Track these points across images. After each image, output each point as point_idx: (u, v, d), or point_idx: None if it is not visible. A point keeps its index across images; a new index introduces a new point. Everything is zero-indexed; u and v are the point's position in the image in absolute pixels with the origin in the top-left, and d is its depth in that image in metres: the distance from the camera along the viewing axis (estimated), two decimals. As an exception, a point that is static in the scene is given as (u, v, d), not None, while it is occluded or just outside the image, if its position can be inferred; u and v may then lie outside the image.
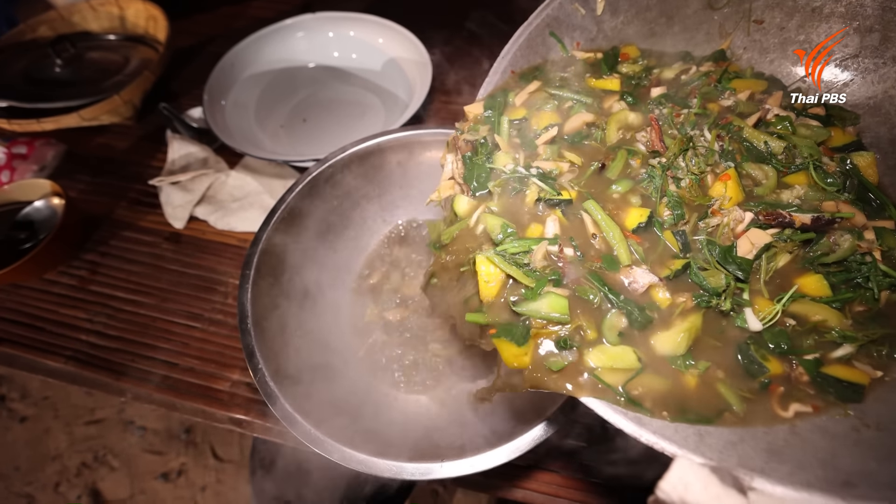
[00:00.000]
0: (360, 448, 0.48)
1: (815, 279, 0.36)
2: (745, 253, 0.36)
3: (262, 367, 0.52)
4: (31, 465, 1.38)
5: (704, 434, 0.33)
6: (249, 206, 0.84)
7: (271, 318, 0.58)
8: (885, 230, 0.39)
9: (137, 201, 0.91)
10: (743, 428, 0.34)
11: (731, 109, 0.46)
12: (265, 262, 0.61)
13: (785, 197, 0.40)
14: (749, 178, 0.41)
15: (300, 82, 1.05)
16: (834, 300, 0.36)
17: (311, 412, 0.51)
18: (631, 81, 0.49)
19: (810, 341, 0.35)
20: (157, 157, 0.96)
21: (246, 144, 0.85)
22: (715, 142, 0.42)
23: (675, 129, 0.43)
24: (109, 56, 0.96)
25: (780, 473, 0.30)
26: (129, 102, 0.90)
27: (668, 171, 0.41)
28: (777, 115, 0.44)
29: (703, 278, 0.36)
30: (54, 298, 0.81)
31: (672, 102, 0.45)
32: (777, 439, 0.34)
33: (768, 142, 0.42)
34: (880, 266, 0.37)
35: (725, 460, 0.31)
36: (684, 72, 0.49)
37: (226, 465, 1.34)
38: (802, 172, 0.41)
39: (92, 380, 0.73)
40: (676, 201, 0.39)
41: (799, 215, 0.37)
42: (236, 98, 0.96)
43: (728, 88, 0.47)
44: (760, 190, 0.40)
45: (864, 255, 0.37)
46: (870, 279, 0.37)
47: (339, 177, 0.70)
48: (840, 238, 0.37)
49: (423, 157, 0.72)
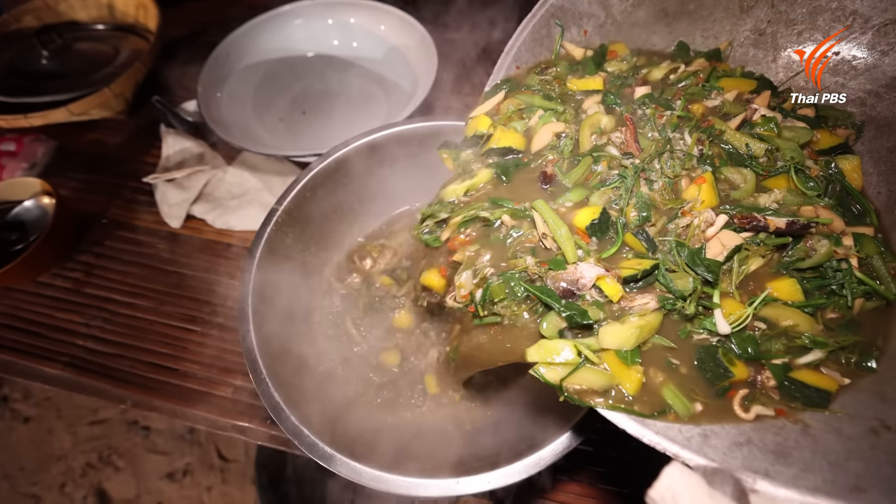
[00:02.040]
0: (371, 463, 0.45)
1: (789, 283, 0.36)
2: (716, 255, 0.35)
3: (266, 378, 0.49)
4: (36, 465, 1.37)
5: (710, 435, 0.32)
6: (248, 203, 0.81)
7: (274, 325, 0.55)
8: (864, 236, 0.39)
9: (132, 200, 0.88)
10: (751, 428, 0.33)
11: (717, 110, 0.44)
12: (267, 265, 0.58)
13: (763, 201, 0.39)
14: (727, 182, 0.40)
15: (299, 72, 1.00)
16: (806, 305, 0.36)
17: (319, 425, 0.49)
18: (616, 81, 0.48)
19: (780, 346, 0.35)
20: (152, 153, 0.93)
21: (243, 139, 0.81)
22: (695, 146, 0.41)
23: (657, 130, 0.42)
24: (98, 47, 0.92)
25: (785, 476, 0.29)
26: (120, 96, 0.86)
27: (641, 173, 0.39)
28: (763, 115, 0.43)
29: (670, 280, 0.35)
30: (49, 302, 0.78)
31: (656, 103, 0.44)
32: (787, 440, 0.32)
33: (749, 144, 0.41)
34: (856, 273, 0.36)
35: (729, 462, 0.30)
36: (673, 71, 0.48)
37: (231, 464, 1.32)
38: (783, 176, 0.40)
39: (91, 387, 0.70)
40: (645, 203, 0.38)
41: (774, 219, 0.36)
42: (232, 90, 0.91)
43: (716, 88, 0.46)
44: (738, 193, 0.39)
45: (841, 261, 0.36)
46: (844, 286, 0.36)
47: (342, 172, 0.67)
48: (817, 243, 0.36)
49: (432, 150, 0.68)
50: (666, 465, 0.29)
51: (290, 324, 0.58)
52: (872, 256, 0.38)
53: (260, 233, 0.59)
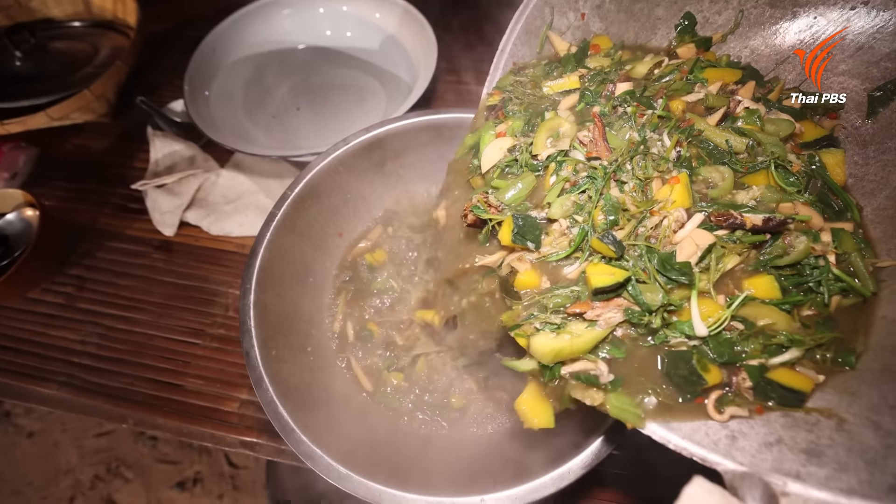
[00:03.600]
0: (390, 482, 0.42)
1: (767, 281, 0.35)
2: (689, 255, 0.35)
3: (274, 397, 0.45)
4: (44, 480, 1.35)
5: (738, 436, 0.32)
6: (245, 207, 0.77)
7: (279, 338, 0.52)
8: (842, 232, 0.38)
9: (122, 208, 0.84)
10: (782, 427, 0.32)
11: (701, 103, 0.43)
12: (268, 273, 0.54)
13: (740, 198, 0.38)
14: (705, 181, 0.39)
15: (290, 67, 0.95)
16: (784, 303, 0.35)
17: (330, 442, 0.46)
18: (597, 77, 0.46)
19: (756, 345, 0.34)
20: (140, 158, 0.88)
21: (235, 139, 0.77)
22: (672, 149, 0.39)
23: (636, 130, 0.41)
24: (76, 45, 0.86)
25: (817, 478, 0.28)
26: (101, 97, 0.81)
27: (613, 175, 0.38)
28: (747, 108, 0.42)
29: (639, 292, 0.34)
30: (41, 319, 0.74)
31: (637, 101, 0.43)
32: (820, 438, 0.31)
33: (730, 140, 0.40)
34: (833, 270, 0.36)
35: (758, 464, 0.29)
36: (657, 65, 0.46)
37: (241, 471, 1.31)
38: (762, 172, 0.39)
39: (89, 406, 0.67)
40: (613, 206, 0.37)
41: (750, 216, 0.35)
42: (221, 87, 0.86)
43: (699, 80, 0.44)
44: (715, 192, 0.38)
45: (818, 258, 0.36)
46: (822, 283, 0.36)
47: (343, 172, 0.63)
48: (795, 240, 0.35)
49: (437, 144, 0.64)
50: (689, 481, 0.28)
51: (295, 337, 0.55)
52: (851, 253, 0.37)
53: (259, 240, 0.55)
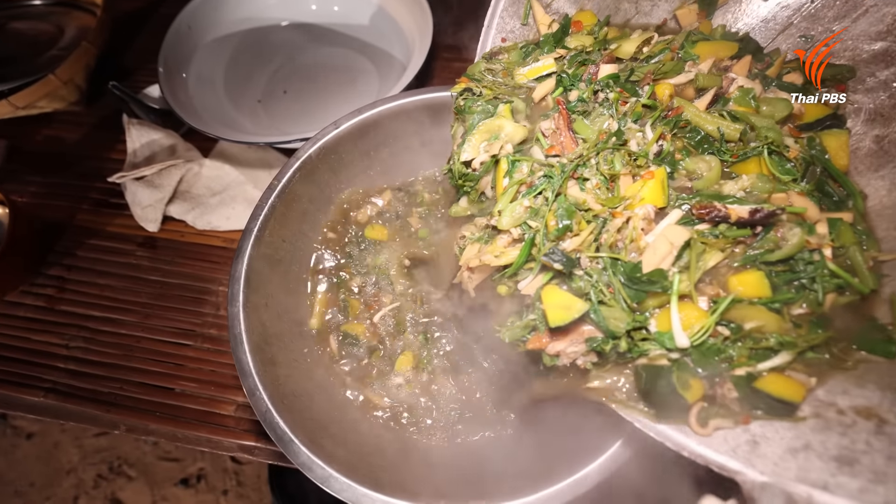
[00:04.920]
0: (392, 492, 0.39)
1: (756, 277, 0.32)
2: (664, 255, 0.31)
3: (269, 406, 0.42)
4: (47, 480, 1.34)
5: (760, 441, 0.29)
6: (231, 199, 0.72)
7: (271, 342, 0.48)
8: (840, 223, 0.34)
9: (101, 203, 0.79)
10: (811, 430, 0.29)
11: (692, 84, 0.39)
12: (257, 273, 0.50)
13: (728, 189, 0.34)
14: (689, 173, 0.36)
15: (274, 46, 0.89)
16: (773, 301, 0.32)
17: (330, 450, 0.43)
18: (577, 58, 0.41)
19: (744, 351, 0.31)
20: (117, 149, 0.82)
21: (218, 126, 0.71)
22: (654, 143, 0.36)
23: (616, 119, 0.37)
24: (38, 26, 0.80)
25: (849, 489, 0.25)
26: (70, 83, 0.75)
27: (572, 173, 0.35)
28: (741, 86, 0.38)
29: (602, 318, 0.31)
30: (21, 323, 0.70)
31: (621, 87, 0.39)
32: (855, 443, 0.28)
33: (721, 127, 0.36)
34: (829, 265, 0.32)
35: (781, 473, 0.27)
36: (646, 42, 0.42)
37: (244, 467, 1.30)
38: (753, 160, 0.35)
39: (78, 413, 0.64)
40: (567, 210, 0.33)
41: (736, 208, 0.32)
42: (199, 70, 0.80)
43: (691, 57, 0.40)
44: (700, 182, 0.34)
45: (813, 252, 0.32)
46: (815, 280, 0.32)
47: (334, 157, 0.58)
48: (788, 232, 0.32)
49: (436, 125, 0.59)
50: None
51: (290, 338, 0.51)
52: (849, 246, 0.33)
53: (246, 234, 0.51)
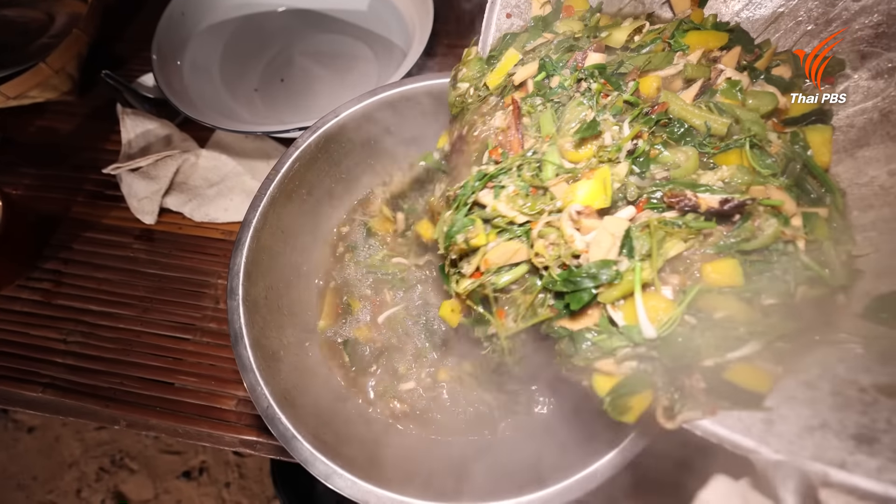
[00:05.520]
0: (399, 490, 0.39)
1: (730, 265, 0.31)
2: (608, 248, 0.31)
3: (272, 401, 0.41)
4: (49, 474, 1.35)
5: (776, 420, 0.29)
6: (229, 190, 0.71)
7: (272, 336, 0.47)
8: (816, 218, 0.34)
9: (97, 195, 0.77)
10: (829, 408, 0.28)
11: (680, 75, 0.38)
12: (256, 265, 0.49)
13: (707, 179, 0.34)
14: (667, 165, 0.35)
15: (270, 33, 0.87)
16: (745, 290, 0.32)
17: (336, 446, 0.42)
18: (564, 44, 0.40)
19: (713, 340, 0.31)
20: (112, 140, 0.81)
21: (214, 115, 0.69)
22: (629, 140, 0.35)
23: (595, 110, 0.36)
24: (27, 13, 0.77)
25: (866, 468, 0.25)
26: (62, 72, 0.73)
27: (489, 182, 0.34)
28: (729, 78, 0.37)
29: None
30: (18, 318, 0.69)
31: (605, 79, 0.38)
32: (876, 421, 0.27)
33: (709, 122, 0.35)
34: (802, 257, 0.32)
35: (796, 452, 0.27)
36: (637, 31, 0.41)
37: (246, 459, 1.30)
38: (735, 151, 0.35)
39: (77, 408, 0.63)
40: (462, 222, 0.33)
41: (706, 197, 0.31)
42: (194, 58, 0.78)
43: (681, 48, 0.39)
44: (677, 172, 0.34)
45: (787, 243, 0.32)
46: (788, 271, 0.32)
47: (334, 147, 0.56)
48: (765, 223, 0.32)
49: (436, 111, 0.58)
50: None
51: (292, 331, 0.50)
52: (823, 241, 0.33)
53: (243, 228, 0.50)
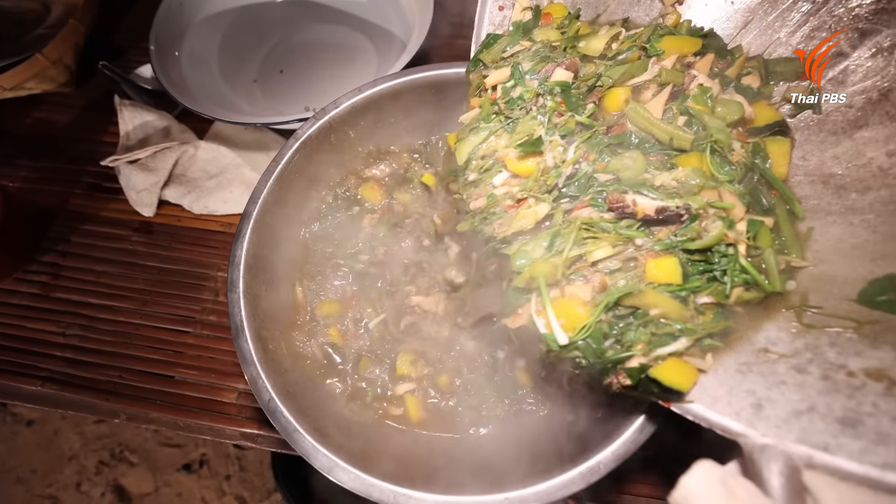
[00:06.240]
0: (402, 482, 0.39)
1: (671, 263, 0.32)
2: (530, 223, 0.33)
3: (273, 395, 0.41)
4: (48, 467, 1.35)
5: (764, 404, 0.30)
6: (228, 182, 0.70)
7: (274, 329, 0.47)
8: (761, 226, 0.34)
9: (95, 187, 0.77)
10: (818, 392, 0.29)
11: (655, 80, 0.39)
12: (257, 258, 0.49)
13: (660, 179, 0.34)
14: (614, 171, 0.35)
15: (269, 23, 0.86)
16: (682, 289, 0.32)
17: (337, 441, 0.42)
18: (541, 52, 0.40)
19: (644, 337, 0.32)
20: (110, 132, 0.80)
21: (213, 107, 0.69)
22: (571, 165, 0.35)
23: (545, 127, 0.37)
24: (23, 3, 0.76)
25: (849, 450, 0.26)
26: (59, 63, 0.72)
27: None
28: (701, 84, 0.38)
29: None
30: (16, 311, 0.69)
31: (563, 98, 0.38)
32: (862, 405, 0.28)
33: (674, 138, 0.35)
34: (741, 260, 0.33)
35: (783, 435, 0.28)
36: (614, 38, 0.41)
37: (247, 452, 1.30)
38: (696, 154, 0.35)
39: (76, 402, 0.63)
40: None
41: (645, 204, 0.32)
42: (192, 48, 0.77)
43: (656, 52, 0.40)
44: (627, 173, 0.34)
45: (729, 246, 0.33)
46: (727, 272, 0.33)
47: (334, 138, 0.56)
48: (711, 224, 0.32)
49: (437, 103, 0.57)
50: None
51: (292, 326, 0.50)
52: (765, 248, 0.34)
53: (243, 220, 0.49)
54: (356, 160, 0.60)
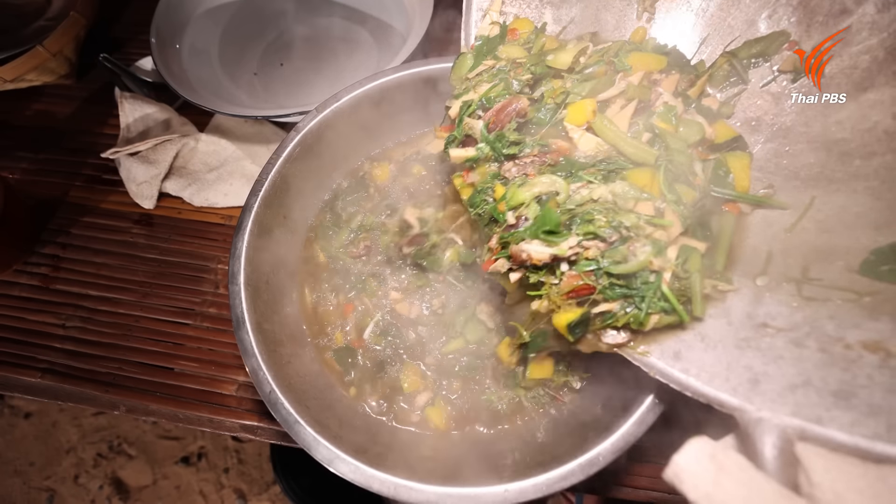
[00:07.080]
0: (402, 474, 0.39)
1: (567, 317, 0.33)
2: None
3: (274, 387, 0.41)
4: (46, 459, 1.35)
5: (761, 379, 0.30)
6: (229, 175, 0.70)
7: (274, 321, 0.47)
8: (693, 251, 0.33)
9: (95, 179, 0.76)
10: (814, 366, 0.30)
11: (622, 95, 0.38)
12: (258, 250, 0.49)
13: (599, 192, 0.33)
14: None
15: (269, 16, 0.85)
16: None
17: (338, 433, 0.42)
18: (504, 71, 0.39)
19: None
20: (110, 124, 0.80)
21: (213, 99, 0.69)
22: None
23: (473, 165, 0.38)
24: (23, -6, 0.76)
25: (840, 422, 0.26)
26: (59, 55, 0.72)
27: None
28: (665, 103, 0.38)
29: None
30: (16, 303, 0.69)
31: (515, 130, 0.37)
32: (856, 377, 0.28)
33: (636, 154, 0.35)
34: (663, 287, 0.32)
35: (778, 409, 0.28)
36: (582, 52, 0.40)
37: (246, 445, 1.31)
38: (649, 171, 0.35)
39: (76, 394, 0.63)
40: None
41: (537, 252, 0.32)
42: (193, 41, 0.77)
43: (624, 67, 0.39)
44: (561, 197, 0.34)
45: (653, 273, 0.32)
46: (644, 299, 0.32)
47: (334, 131, 0.56)
48: (640, 248, 0.32)
49: (436, 96, 0.57)
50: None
51: (293, 318, 0.50)
52: (693, 273, 0.33)
53: (244, 212, 0.49)
54: (357, 154, 0.60)
